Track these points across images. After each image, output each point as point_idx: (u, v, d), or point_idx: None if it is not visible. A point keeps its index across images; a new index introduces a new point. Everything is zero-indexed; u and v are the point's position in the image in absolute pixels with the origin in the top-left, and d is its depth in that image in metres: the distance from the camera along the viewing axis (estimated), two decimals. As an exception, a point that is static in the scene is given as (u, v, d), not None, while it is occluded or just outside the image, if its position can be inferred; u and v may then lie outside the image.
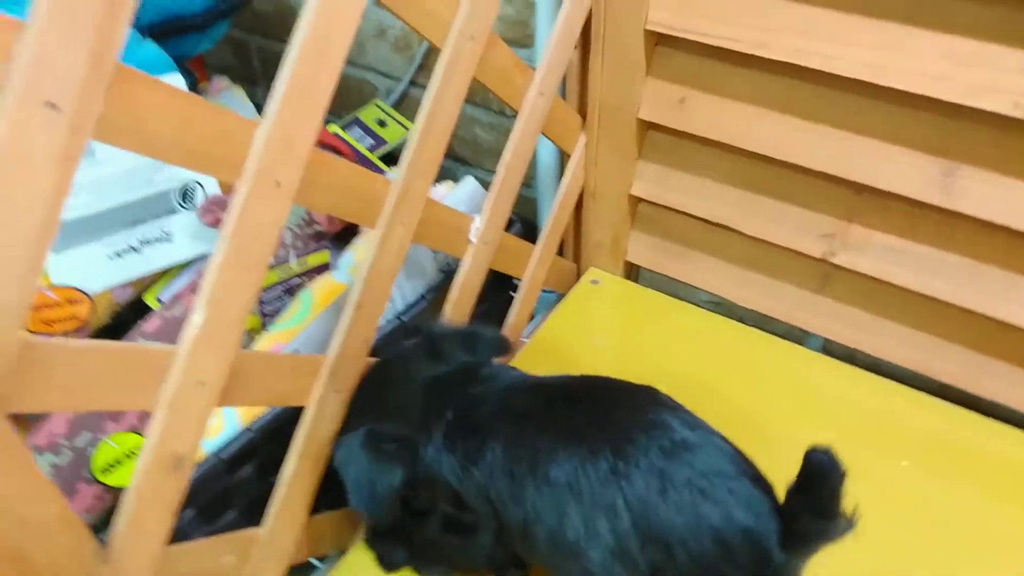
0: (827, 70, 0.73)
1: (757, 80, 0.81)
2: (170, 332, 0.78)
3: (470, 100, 1.12)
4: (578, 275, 1.06)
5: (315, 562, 0.79)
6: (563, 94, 0.93)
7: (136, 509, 0.54)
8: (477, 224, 0.80)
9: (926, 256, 0.80)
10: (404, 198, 0.68)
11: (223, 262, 0.54)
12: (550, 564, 0.59)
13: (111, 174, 0.77)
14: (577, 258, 1.07)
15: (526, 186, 0.92)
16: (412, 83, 1.16)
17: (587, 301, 1.01)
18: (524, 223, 0.97)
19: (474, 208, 0.82)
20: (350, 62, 1.20)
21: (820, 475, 0.48)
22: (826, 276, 0.89)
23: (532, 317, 1.01)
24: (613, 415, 0.58)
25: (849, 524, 0.50)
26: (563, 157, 0.96)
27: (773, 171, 0.86)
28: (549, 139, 0.90)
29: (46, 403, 0.47)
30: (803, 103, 0.80)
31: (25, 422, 0.74)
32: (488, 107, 1.10)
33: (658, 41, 0.85)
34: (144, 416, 0.75)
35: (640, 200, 0.99)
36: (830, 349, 0.93)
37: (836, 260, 0.85)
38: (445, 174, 0.96)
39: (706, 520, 0.51)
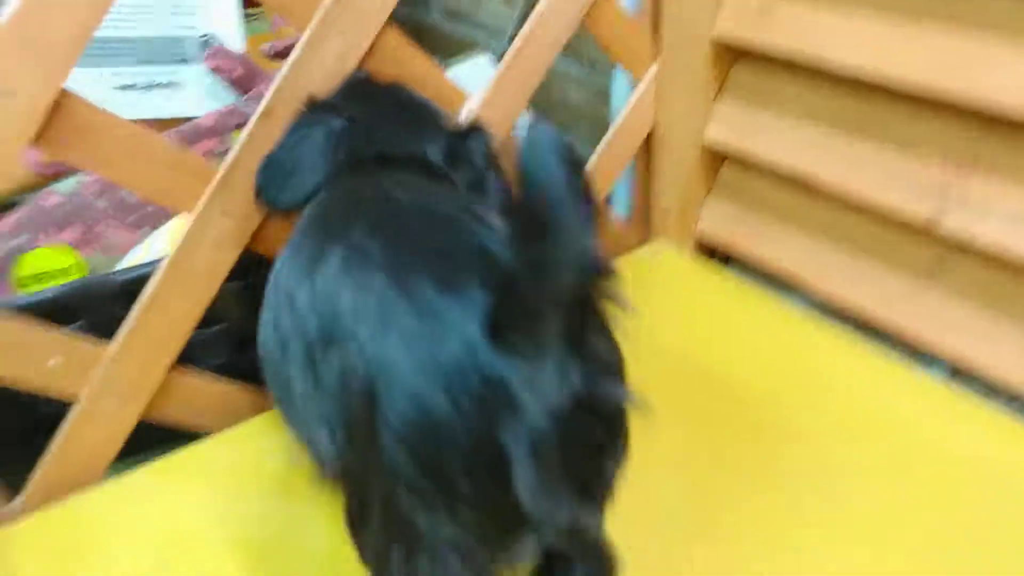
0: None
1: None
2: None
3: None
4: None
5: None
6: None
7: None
8: (472, 104, 0.68)
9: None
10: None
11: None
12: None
13: (130, 5, 0.76)
14: (645, 226, 0.89)
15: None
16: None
17: (635, 271, 0.83)
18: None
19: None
20: (467, 20, 1.15)
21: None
22: (940, 258, 0.65)
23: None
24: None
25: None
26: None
27: (870, 103, 0.65)
28: (614, 58, 0.77)
29: None
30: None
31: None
32: (579, 59, 0.98)
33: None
34: (84, 237, 0.71)
35: (721, 157, 0.80)
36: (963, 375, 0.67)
37: (947, 223, 0.61)
38: None
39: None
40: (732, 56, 0.75)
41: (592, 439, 0.36)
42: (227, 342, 0.69)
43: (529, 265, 0.30)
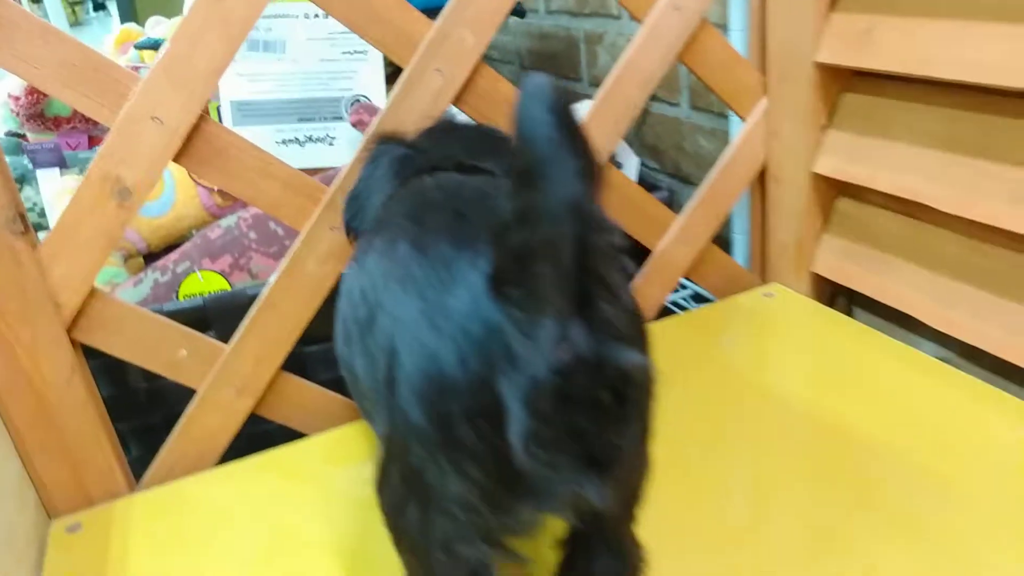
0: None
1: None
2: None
3: (693, 104, 1.02)
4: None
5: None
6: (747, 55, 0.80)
7: (69, 216, 0.59)
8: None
9: None
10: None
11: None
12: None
13: (294, 71, 0.89)
14: (761, 268, 0.86)
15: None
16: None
17: (750, 312, 0.80)
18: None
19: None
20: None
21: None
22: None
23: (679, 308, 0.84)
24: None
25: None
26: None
27: (987, 120, 0.61)
28: (723, 98, 0.78)
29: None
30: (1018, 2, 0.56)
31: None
32: (710, 110, 0.99)
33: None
34: (235, 263, 0.82)
35: (836, 191, 0.77)
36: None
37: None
38: (673, 199, 0.87)
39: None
40: (840, 84, 0.73)
41: (597, 403, 0.35)
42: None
43: (518, 215, 0.31)
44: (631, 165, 0.85)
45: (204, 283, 0.81)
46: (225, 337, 0.66)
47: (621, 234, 0.36)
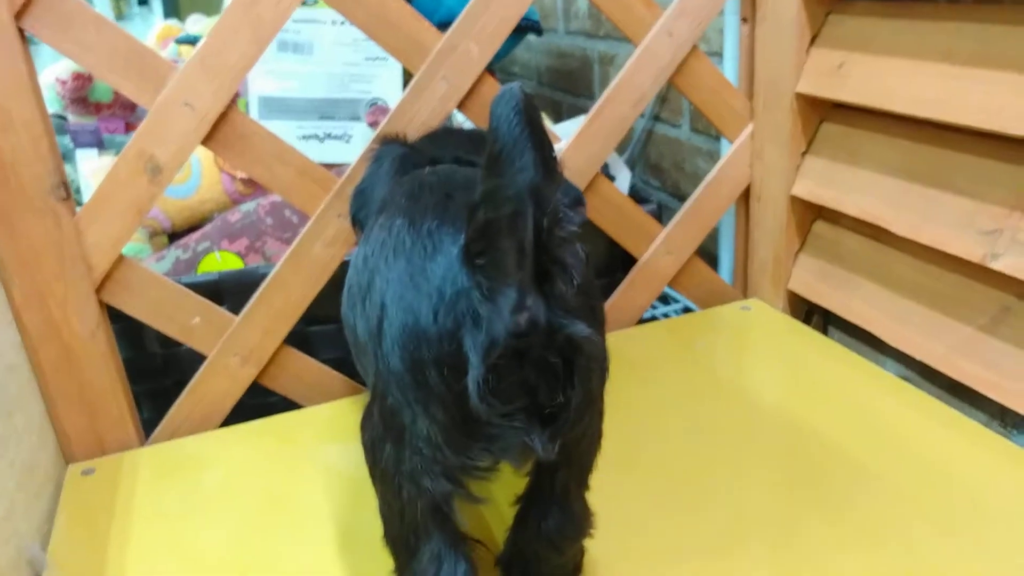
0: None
1: (919, 30, 0.65)
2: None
3: (692, 127, 1.08)
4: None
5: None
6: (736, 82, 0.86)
7: (106, 187, 0.65)
8: (559, 147, 0.78)
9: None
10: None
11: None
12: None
13: (319, 72, 0.96)
14: (743, 283, 0.92)
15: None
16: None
17: (723, 321, 0.86)
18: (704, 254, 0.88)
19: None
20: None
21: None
22: (1004, 308, 0.62)
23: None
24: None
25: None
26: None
27: (936, 153, 0.66)
28: (706, 117, 0.83)
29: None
30: (966, 47, 0.61)
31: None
32: (708, 133, 1.05)
33: (830, 10, 0.75)
34: (251, 246, 0.89)
35: (814, 214, 0.83)
36: None
37: (997, 265, 0.59)
38: (661, 213, 0.93)
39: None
40: (819, 114, 0.79)
41: (546, 364, 0.40)
42: (343, 339, 0.82)
43: (484, 195, 0.37)
44: (623, 178, 0.91)
45: (221, 262, 0.87)
46: (237, 311, 0.73)
47: (580, 223, 0.42)
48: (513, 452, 0.43)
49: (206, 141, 0.68)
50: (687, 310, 1.01)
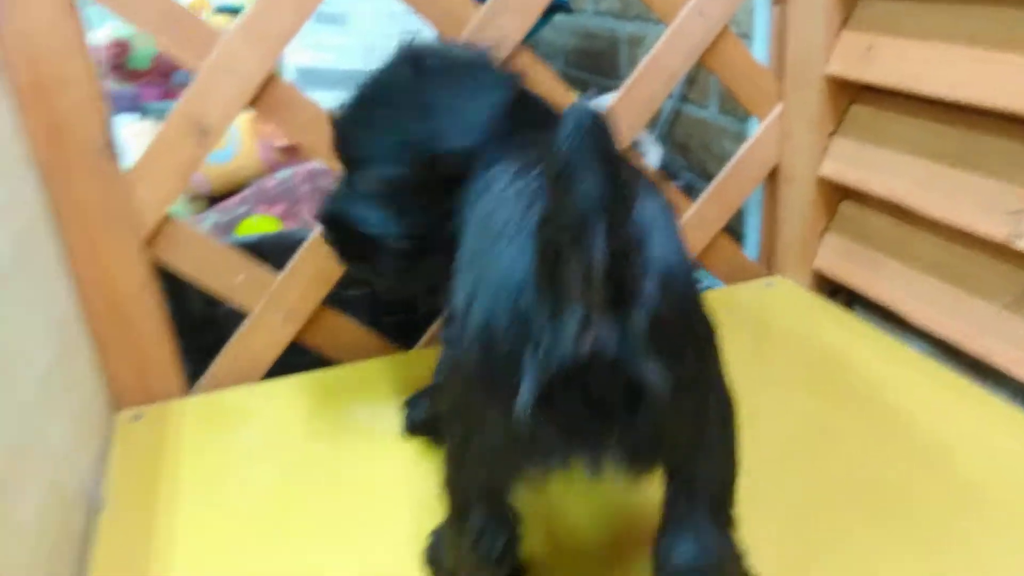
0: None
1: (947, 13, 0.67)
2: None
3: (721, 108, 1.10)
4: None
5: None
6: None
7: (155, 147, 0.68)
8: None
9: None
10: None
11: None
12: None
13: (353, 44, 0.98)
14: (768, 261, 0.93)
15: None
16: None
17: (747, 298, 0.87)
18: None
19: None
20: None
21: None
22: (1026, 286, 0.64)
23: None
24: None
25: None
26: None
27: (963, 135, 0.68)
28: (736, 96, 0.85)
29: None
30: (994, 31, 0.63)
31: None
32: (735, 115, 1.06)
33: (864, -10, 0.77)
34: (288, 211, 0.91)
35: (841, 194, 0.84)
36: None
37: (1022, 245, 0.61)
38: (692, 191, 0.95)
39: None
40: (849, 95, 0.80)
41: (604, 399, 0.38)
42: (377, 304, 0.85)
43: (547, 215, 0.35)
44: (654, 153, 0.92)
45: (258, 225, 0.90)
46: (277, 273, 0.76)
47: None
48: (562, 467, 0.41)
49: (251, 104, 0.70)
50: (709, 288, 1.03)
